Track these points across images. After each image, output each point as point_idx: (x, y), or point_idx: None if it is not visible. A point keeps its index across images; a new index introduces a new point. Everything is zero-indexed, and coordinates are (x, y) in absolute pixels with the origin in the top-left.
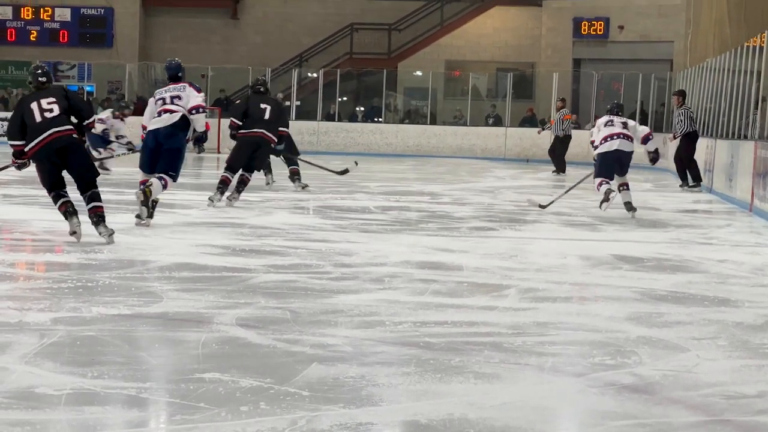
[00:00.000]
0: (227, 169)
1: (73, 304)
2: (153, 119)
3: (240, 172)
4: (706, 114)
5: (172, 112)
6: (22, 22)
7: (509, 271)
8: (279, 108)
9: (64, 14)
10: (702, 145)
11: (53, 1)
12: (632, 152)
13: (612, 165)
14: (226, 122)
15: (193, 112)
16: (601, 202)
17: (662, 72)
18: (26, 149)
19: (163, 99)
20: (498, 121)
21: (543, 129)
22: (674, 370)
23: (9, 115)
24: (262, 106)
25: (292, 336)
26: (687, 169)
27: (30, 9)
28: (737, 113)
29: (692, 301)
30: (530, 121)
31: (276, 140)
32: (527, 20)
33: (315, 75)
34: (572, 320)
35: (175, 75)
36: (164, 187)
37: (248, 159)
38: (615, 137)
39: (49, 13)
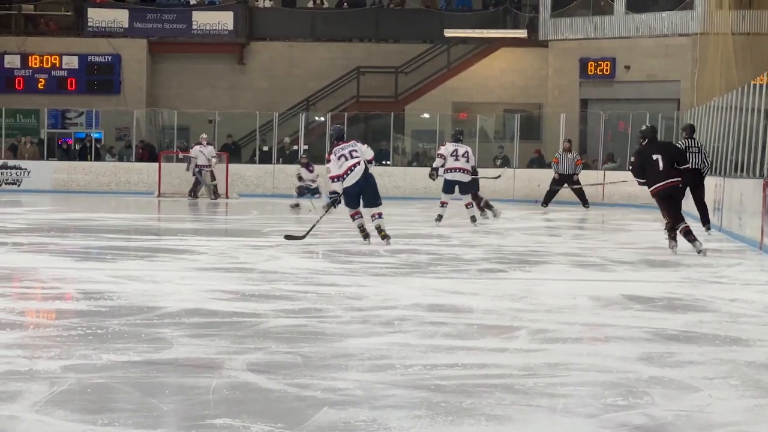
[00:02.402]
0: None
1: (83, 352)
2: (348, 176)
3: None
4: (715, 153)
5: (357, 164)
6: (30, 71)
7: (519, 312)
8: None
9: (71, 62)
10: (711, 183)
11: (61, 49)
12: (469, 180)
13: (452, 187)
14: (234, 167)
15: (371, 163)
16: (436, 218)
17: (669, 111)
18: None
19: (345, 155)
20: (506, 163)
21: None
22: (686, 411)
23: (19, 163)
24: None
25: (302, 380)
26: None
27: (38, 57)
28: (745, 151)
29: (704, 341)
30: (538, 162)
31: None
32: (534, 61)
33: (322, 119)
34: (583, 361)
35: (341, 136)
36: (381, 216)
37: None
38: (457, 171)
39: (57, 61)
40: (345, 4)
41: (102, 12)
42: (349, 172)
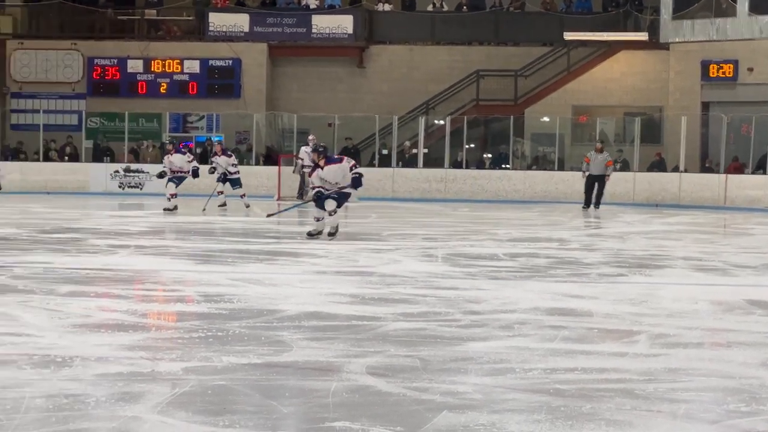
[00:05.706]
0: None
1: (204, 354)
2: None
3: None
4: None
5: None
6: (153, 75)
7: (639, 316)
8: None
9: (193, 66)
10: None
11: (182, 53)
12: None
13: None
14: None
15: None
16: None
17: None
18: None
19: None
20: (626, 166)
21: (584, 172)
22: None
23: (141, 166)
24: None
25: (421, 384)
26: None
27: (160, 62)
28: None
29: None
30: (659, 165)
31: None
32: (654, 64)
33: (442, 122)
34: (705, 366)
35: None
36: None
37: None
38: None
39: (179, 65)
40: (464, 7)
41: (223, 16)
42: None
